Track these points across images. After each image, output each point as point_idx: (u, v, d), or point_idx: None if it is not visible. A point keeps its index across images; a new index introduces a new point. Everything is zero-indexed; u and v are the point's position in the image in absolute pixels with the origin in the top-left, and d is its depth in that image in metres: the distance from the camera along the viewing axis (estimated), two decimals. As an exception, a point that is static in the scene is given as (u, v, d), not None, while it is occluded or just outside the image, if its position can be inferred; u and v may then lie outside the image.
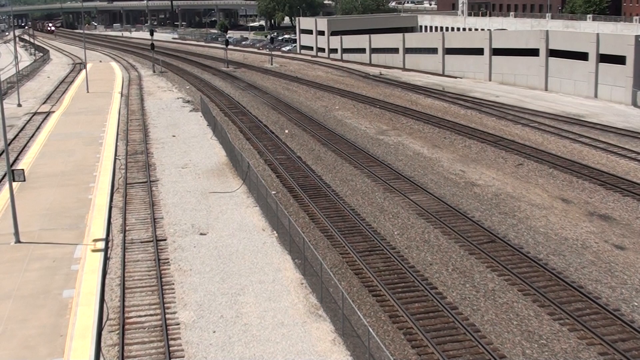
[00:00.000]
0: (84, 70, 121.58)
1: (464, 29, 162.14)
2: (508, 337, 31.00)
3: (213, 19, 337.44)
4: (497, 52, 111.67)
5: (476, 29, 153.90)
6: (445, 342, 30.32)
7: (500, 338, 30.90)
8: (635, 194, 50.54)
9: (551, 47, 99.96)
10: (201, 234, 43.07)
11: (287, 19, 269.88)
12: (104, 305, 33.48)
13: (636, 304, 34.10)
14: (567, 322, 31.96)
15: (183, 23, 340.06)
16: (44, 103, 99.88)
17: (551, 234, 43.40)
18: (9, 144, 68.45)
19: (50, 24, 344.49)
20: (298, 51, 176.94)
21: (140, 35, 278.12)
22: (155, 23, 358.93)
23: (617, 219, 46.12)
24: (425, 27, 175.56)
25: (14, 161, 61.38)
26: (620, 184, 52.89)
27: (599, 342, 30.09)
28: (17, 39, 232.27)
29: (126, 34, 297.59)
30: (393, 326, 31.96)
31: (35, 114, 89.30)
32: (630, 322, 31.70)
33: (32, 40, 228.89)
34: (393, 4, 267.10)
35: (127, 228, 44.31)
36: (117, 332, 30.95)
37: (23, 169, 43.56)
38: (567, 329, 31.46)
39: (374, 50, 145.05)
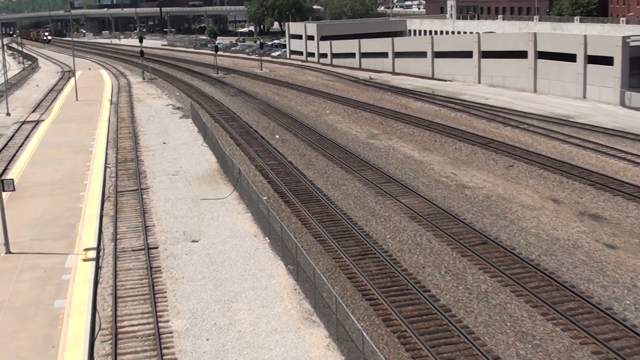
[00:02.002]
0: (73, 78, 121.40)
1: (453, 32, 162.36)
2: (502, 338, 31.02)
3: (202, 25, 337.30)
4: (486, 54, 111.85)
5: (465, 32, 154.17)
6: (440, 344, 30.32)
7: (494, 339, 30.91)
8: (625, 193, 50.67)
9: (539, 49, 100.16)
10: (193, 241, 43.00)
11: (276, 24, 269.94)
12: (96, 315, 33.37)
13: (628, 302, 34.17)
14: (560, 322, 32.00)
15: (172, 30, 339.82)
16: (33, 112, 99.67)
17: (543, 235, 43.47)
18: (-1, 154, 68.33)
19: (46, 33, 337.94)
20: (288, 56, 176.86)
21: (130, 42, 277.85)
22: (144, 30, 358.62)
23: (608, 219, 46.22)
24: (414, 31, 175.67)
25: (4, 171, 61.25)
26: (610, 184, 53.01)
27: (592, 341, 30.14)
28: (5, 47, 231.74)
29: (115, 41, 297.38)
30: (387, 330, 31.95)
31: (24, 122, 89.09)
32: (623, 321, 31.76)
33: (20, 48, 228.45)
34: (382, 8, 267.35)
35: (118, 236, 44.21)
36: (109, 342, 30.85)
37: (12, 179, 43.47)
38: (560, 328, 31.51)
39: (364, 55, 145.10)
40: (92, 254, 39.92)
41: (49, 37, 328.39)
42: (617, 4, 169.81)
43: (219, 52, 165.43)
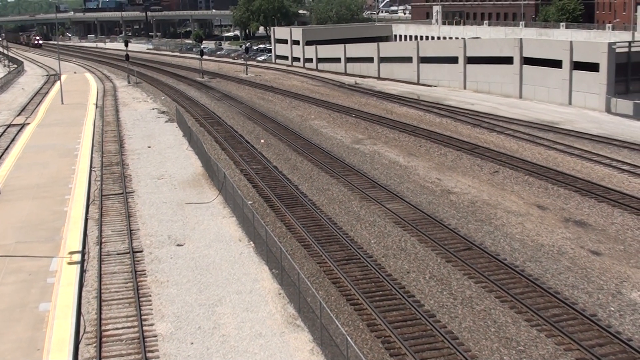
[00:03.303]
0: (58, 82, 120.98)
1: (439, 38, 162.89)
2: (486, 344, 31.07)
3: (188, 29, 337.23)
4: (471, 60, 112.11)
5: (450, 38, 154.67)
6: (424, 350, 30.34)
7: (478, 345, 30.96)
8: (610, 200, 50.86)
9: (525, 55, 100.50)
10: (178, 245, 42.93)
11: (261, 29, 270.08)
12: (81, 318, 33.27)
13: (612, 309, 34.29)
14: (545, 328, 32.07)
15: (158, 34, 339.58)
16: (18, 115, 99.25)
17: (527, 241, 43.58)
18: (-17, 157, 68.03)
19: (37, 37, 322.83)
20: (273, 61, 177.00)
21: (115, 46, 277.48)
22: (129, 34, 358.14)
23: (593, 225, 46.37)
24: (400, 36, 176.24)
25: (-12, 174, 60.99)
26: (595, 190, 53.19)
27: (576, 347, 30.21)
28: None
29: (100, 44, 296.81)
30: (371, 335, 31.96)
31: (9, 126, 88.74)
32: (607, 327, 31.85)
33: (5, 51, 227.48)
34: (367, 13, 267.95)
35: (103, 240, 44.08)
36: (94, 345, 30.77)
37: (-3, 182, 43.33)
38: (544, 335, 31.58)
39: (349, 60, 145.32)
40: (77, 257, 39.79)
41: (41, 42, 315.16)
42: (603, 11, 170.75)
43: (205, 56, 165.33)
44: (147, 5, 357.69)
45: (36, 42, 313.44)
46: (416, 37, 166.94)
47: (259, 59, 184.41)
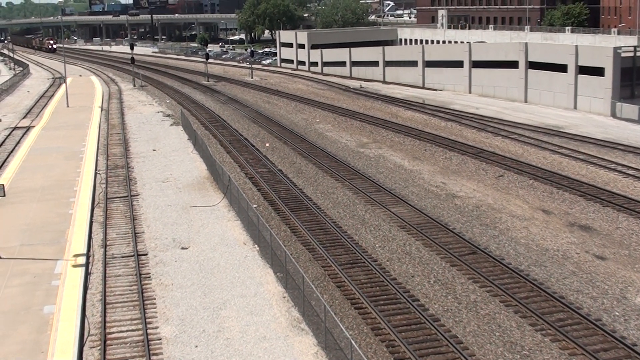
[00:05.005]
0: (63, 85, 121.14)
1: (444, 42, 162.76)
2: (490, 348, 31.03)
3: (193, 32, 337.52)
4: (476, 64, 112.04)
5: (456, 42, 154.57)
6: (428, 354, 30.31)
7: (482, 349, 30.93)
8: (615, 204, 50.78)
9: (530, 59, 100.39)
10: (182, 248, 42.93)
11: (267, 32, 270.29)
12: (85, 320, 33.27)
13: (617, 313, 34.24)
14: (549, 333, 32.03)
15: (163, 37, 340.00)
16: (24, 117, 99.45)
17: (532, 245, 43.52)
18: (-11, 159, 68.11)
19: (51, 41, 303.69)
20: (278, 64, 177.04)
21: (120, 49, 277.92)
22: (135, 37, 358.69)
23: (598, 230, 46.31)
24: (405, 40, 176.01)
25: (-6, 176, 61.06)
26: (600, 195, 53.12)
27: (581, 352, 30.17)
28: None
29: (106, 48, 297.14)
30: (375, 339, 31.94)
31: (15, 128, 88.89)
32: (612, 332, 31.81)
33: (11, 54, 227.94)
34: (373, 17, 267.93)
35: (108, 243, 44.11)
36: (98, 347, 30.77)
37: (3, 184, 43.40)
38: (549, 339, 31.53)
39: (354, 64, 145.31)
40: (82, 260, 39.81)
41: (55, 46, 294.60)
42: (608, 15, 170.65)
43: (210, 60, 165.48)
44: (152, 8, 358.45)
45: (50, 46, 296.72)
46: (421, 41, 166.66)
47: (264, 62, 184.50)
